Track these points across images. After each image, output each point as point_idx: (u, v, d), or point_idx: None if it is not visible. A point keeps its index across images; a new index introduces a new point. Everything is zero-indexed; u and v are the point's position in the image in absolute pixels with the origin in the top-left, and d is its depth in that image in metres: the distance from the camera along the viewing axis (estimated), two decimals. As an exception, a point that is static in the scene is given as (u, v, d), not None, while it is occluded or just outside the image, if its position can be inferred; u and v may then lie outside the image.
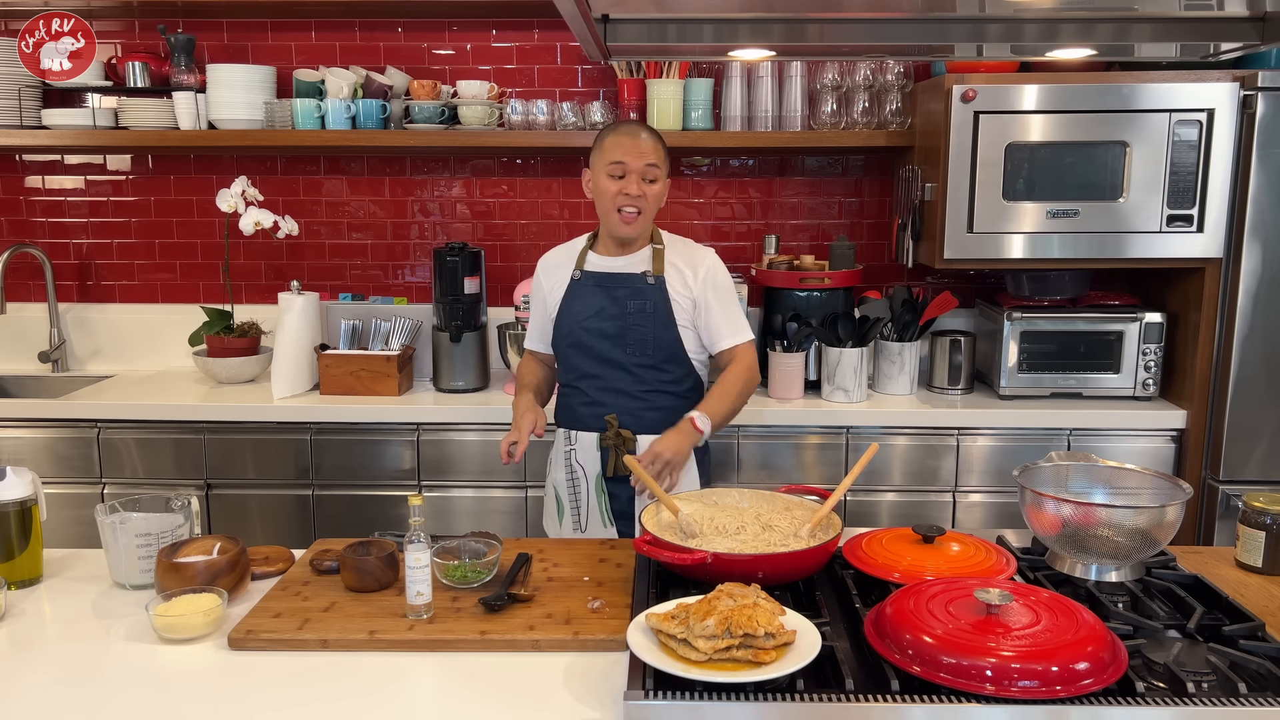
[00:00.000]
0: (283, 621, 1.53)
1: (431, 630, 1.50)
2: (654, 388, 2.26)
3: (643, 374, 2.25)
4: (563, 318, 2.30)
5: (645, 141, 2.19)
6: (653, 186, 2.20)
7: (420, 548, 1.52)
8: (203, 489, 2.90)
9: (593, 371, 2.27)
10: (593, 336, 2.26)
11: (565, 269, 2.33)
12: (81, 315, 3.42)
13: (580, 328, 2.27)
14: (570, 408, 2.32)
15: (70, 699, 1.36)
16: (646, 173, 2.18)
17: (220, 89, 3.09)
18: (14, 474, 1.72)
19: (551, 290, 2.34)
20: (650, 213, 2.23)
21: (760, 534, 1.67)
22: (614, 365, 2.25)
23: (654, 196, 2.21)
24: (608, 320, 2.25)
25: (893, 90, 3.06)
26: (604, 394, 2.26)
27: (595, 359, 2.26)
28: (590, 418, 2.27)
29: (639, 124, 2.32)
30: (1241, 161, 2.66)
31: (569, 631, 1.49)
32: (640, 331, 2.24)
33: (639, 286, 2.25)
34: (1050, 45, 1.72)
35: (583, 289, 2.28)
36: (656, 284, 2.25)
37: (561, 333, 2.31)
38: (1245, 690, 1.26)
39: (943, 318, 3.13)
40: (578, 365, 2.29)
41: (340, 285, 3.40)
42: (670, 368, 2.27)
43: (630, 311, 2.24)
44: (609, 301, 2.25)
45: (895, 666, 1.28)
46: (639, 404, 2.25)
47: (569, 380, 2.33)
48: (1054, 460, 1.79)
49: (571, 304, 2.29)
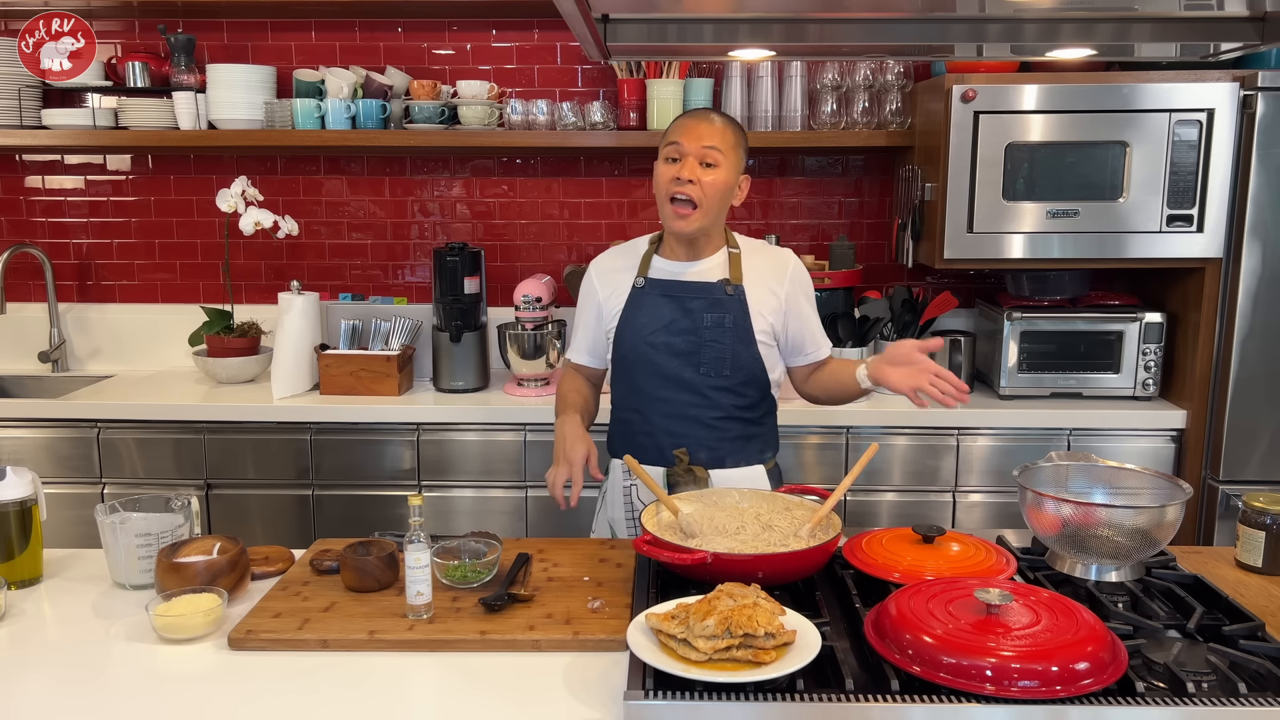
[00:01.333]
0: (283, 621, 1.53)
1: (432, 630, 1.49)
2: (729, 414, 2.00)
3: (718, 398, 1.99)
4: (624, 331, 2.02)
5: (711, 123, 1.92)
6: (713, 173, 1.90)
7: (420, 548, 1.52)
8: (203, 489, 2.90)
9: (658, 394, 2.00)
10: (660, 353, 1.99)
11: (625, 274, 2.06)
12: (81, 315, 3.42)
13: (645, 343, 1.99)
14: (630, 437, 2.04)
15: (70, 699, 1.36)
16: (705, 155, 1.89)
17: (220, 89, 3.09)
18: (14, 474, 1.72)
19: (609, 298, 2.06)
20: (711, 207, 1.93)
21: (760, 534, 1.67)
22: (684, 387, 1.99)
23: (714, 187, 1.91)
24: (678, 335, 1.98)
25: (893, 90, 3.06)
26: (670, 421, 2.00)
27: (662, 379, 1.99)
28: (652, 449, 2.01)
29: (712, 109, 2.02)
30: (1241, 161, 2.66)
31: (569, 631, 1.48)
32: (717, 349, 1.97)
33: (717, 297, 1.98)
34: (1050, 45, 1.73)
35: (648, 298, 2.01)
36: (736, 295, 1.98)
37: (622, 348, 2.03)
38: (1245, 690, 1.26)
39: (943, 318, 3.13)
40: (641, 386, 2.01)
41: (340, 285, 3.40)
42: (748, 391, 2.02)
43: (706, 326, 1.97)
44: (680, 313, 1.98)
45: (895, 666, 1.28)
46: (711, 434, 1.99)
47: (629, 404, 2.05)
48: (1054, 460, 1.79)
49: (634, 315, 2.01)
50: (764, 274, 2.02)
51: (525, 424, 2.84)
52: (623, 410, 2.08)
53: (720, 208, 1.95)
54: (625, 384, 2.06)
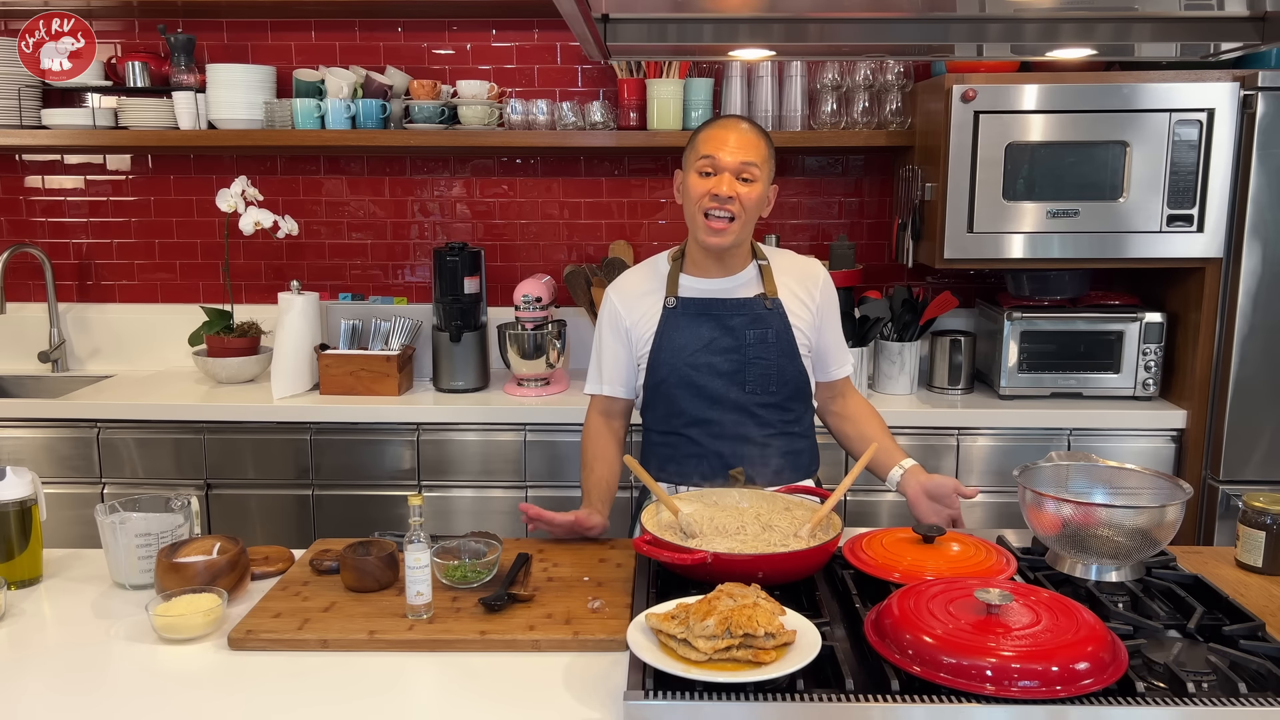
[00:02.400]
0: (283, 621, 1.53)
1: (431, 630, 1.49)
2: (778, 430, 1.97)
3: (766, 415, 1.96)
4: (661, 354, 1.96)
5: (744, 134, 1.87)
6: (749, 188, 1.86)
7: (420, 548, 1.51)
8: (203, 489, 2.90)
9: (705, 416, 1.95)
10: (704, 374, 1.94)
11: (653, 296, 1.99)
12: (81, 315, 3.42)
13: (686, 365, 1.94)
14: (676, 460, 1.98)
15: (70, 699, 1.36)
16: (742, 170, 1.85)
17: (220, 89, 3.09)
18: (14, 474, 1.72)
19: (638, 323, 1.98)
20: (747, 221, 1.89)
21: (760, 534, 1.67)
22: (731, 407, 1.94)
23: (751, 201, 1.87)
24: (720, 354, 1.94)
25: (893, 90, 3.06)
26: (720, 441, 1.95)
27: (708, 401, 1.94)
28: (702, 470, 1.96)
29: (741, 116, 1.97)
30: (1241, 161, 2.66)
31: (569, 632, 1.48)
32: (762, 365, 1.94)
33: (758, 312, 1.94)
34: (1050, 45, 1.72)
35: (683, 318, 1.95)
36: (775, 308, 1.95)
37: (660, 372, 1.96)
38: (1245, 690, 1.25)
39: (943, 318, 3.13)
40: (685, 409, 1.96)
41: (340, 285, 3.40)
42: (795, 406, 2.00)
43: (750, 343, 1.93)
44: (721, 332, 1.94)
45: (895, 666, 1.28)
46: (761, 450, 1.95)
47: (673, 427, 1.99)
48: (1054, 460, 1.79)
49: (671, 337, 1.95)
50: (796, 285, 1.99)
51: (525, 424, 2.84)
52: (663, 434, 2.01)
53: (753, 220, 1.92)
54: (665, 408, 1.99)
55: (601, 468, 2.00)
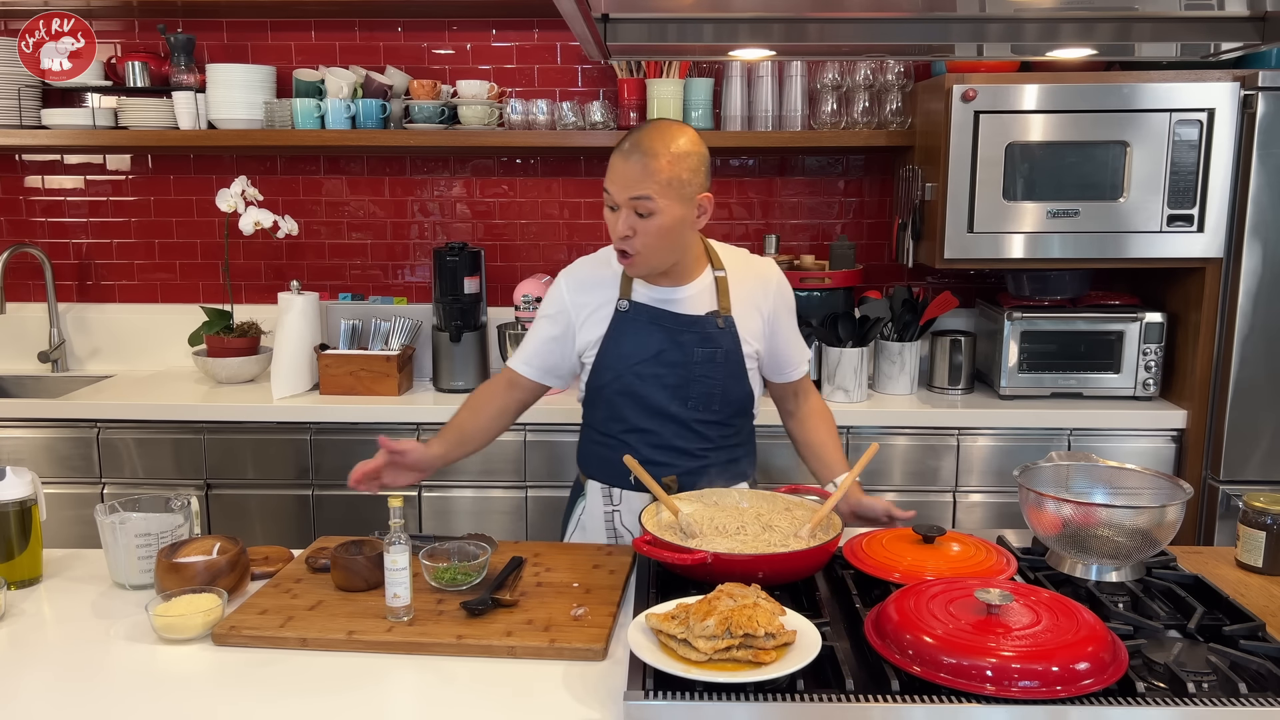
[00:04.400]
0: (267, 618, 1.53)
1: (409, 633, 1.49)
2: (716, 444, 1.96)
3: (706, 431, 1.94)
4: (608, 358, 1.92)
5: (635, 165, 1.74)
6: (647, 221, 1.76)
7: (400, 550, 1.51)
8: (202, 489, 2.90)
9: (644, 425, 1.93)
10: (649, 385, 1.90)
11: (604, 291, 1.93)
12: (81, 315, 3.42)
13: (632, 373, 1.91)
14: (613, 462, 1.93)
15: (69, 699, 1.36)
16: (636, 206, 1.75)
17: (220, 89, 3.09)
18: (14, 474, 1.72)
19: (587, 318, 1.94)
20: (657, 249, 1.80)
21: (760, 534, 1.67)
22: (671, 420, 1.92)
23: (651, 232, 1.77)
24: (667, 367, 1.90)
25: (893, 90, 3.06)
26: (657, 451, 1.93)
27: (649, 411, 1.92)
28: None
29: (644, 136, 1.78)
30: (1242, 161, 2.66)
31: (546, 639, 1.47)
32: (707, 384, 1.91)
33: (709, 331, 1.90)
34: (1050, 45, 1.72)
35: (634, 324, 1.91)
36: (727, 328, 1.91)
37: (605, 375, 1.93)
38: (1245, 690, 1.25)
39: (943, 318, 3.13)
40: (626, 416, 1.94)
41: (340, 285, 3.40)
42: (736, 422, 1.99)
43: (697, 361, 1.90)
44: (669, 344, 1.89)
45: (895, 666, 1.28)
46: (699, 463, 1.95)
47: (612, 431, 1.97)
48: (1054, 460, 1.79)
49: (619, 342, 1.91)
50: (750, 294, 1.95)
51: (525, 424, 2.84)
52: (603, 435, 1.99)
53: (672, 245, 1.82)
54: (606, 411, 1.97)
55: (466, 414, 1.99)
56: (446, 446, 1.94)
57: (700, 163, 1.81)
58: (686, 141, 1.79)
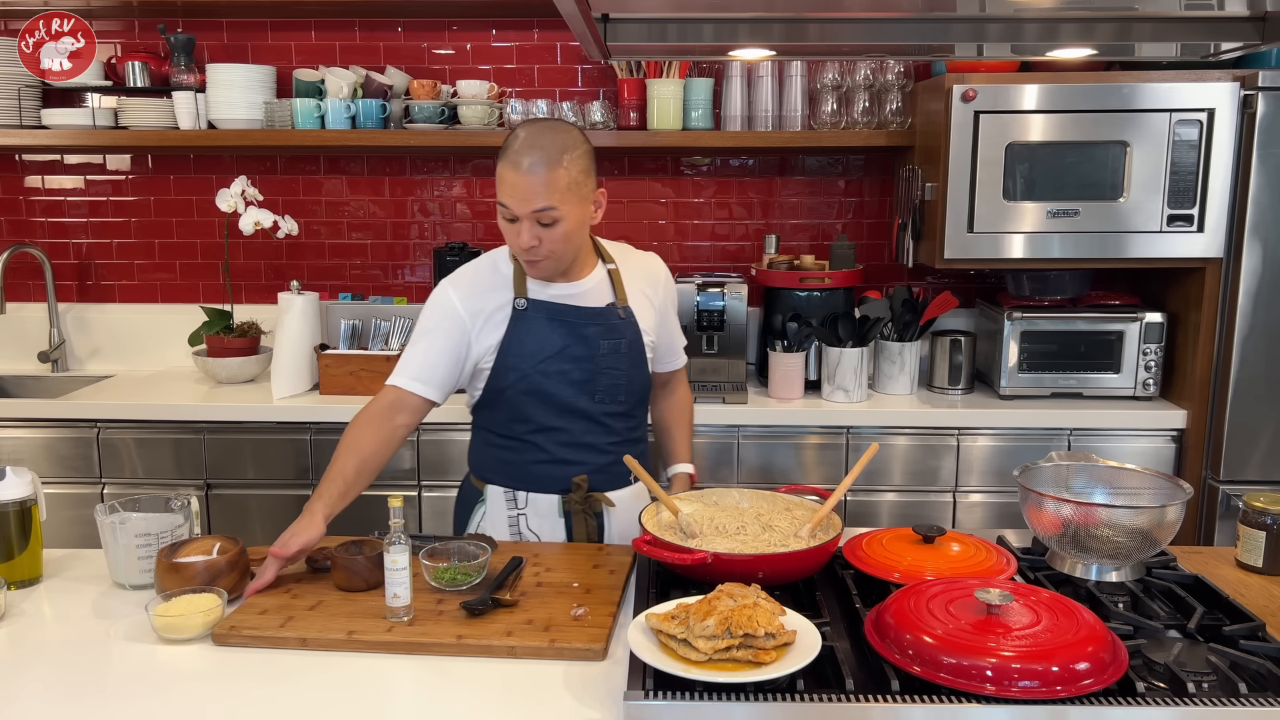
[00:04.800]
0: (267, 618, 1.53)
1: (409, 633, 1.49)
2: (623, 438, 1.96)
3: (613, 424, 1.94)
4: (510, 359, 1.88)
5: (532, 179, 1.72)
6: (551, 229, 1.76)
7: (400, 550, 1.51)
8: (202, 489, 2.90)
9: (552, 424, 1.91)
10: (555, 382, 1.88)
11: (497, 294, 1.89)
12: (81, 315, 3.42)
13: (537, 372, 1.87)
14: (518, 465, 1.94)
15: (69, 699, 1.36)
16: (539, 217, 1.75)
17: (220, 89, 3.09)
18: (14, 474, 1.72)
19: (484, 324, 1.89)
20: (561, 255, 1.82)
21: (760, 534, 1.67)
22: (579, 416, 1.91)
23: (558, 238, 1.78)
24: (572, 363, 1.88)
25: (893, 90, 3.06)
26: (566, 449, 1.92)
27: (556, 409, 1.90)
28: (547, 478, 1.93)
29: (534, 144, 1.74)
30: (1242, 161, 2.66)
31: (546, 639, 1.46)
32: (613, 376, 1.91)
33: (612, 322, 1.91)
34: (1050, 45, 1.72)
35: (534, 322, 1.88)
36: (628, 318, 1.92)
37: (508, 377, 1.89)
38: (1245, 690, 1.25)
39: (943, 318, 3.13)
40: (532, 416, 1.90)
41: (340, 285, 3.40)
42: (638, 413, 2.00)
43: (603, 353, 1.89)
44: (574, 340, 1.88)
45: (895, 666, 1.28)
46: (607, 458, 1.94)
47: (516, 433, 1.93)
48: (1054, 460, 1.79)
49: (521, 341, 1.87)
50: (641, 286, 1.97)
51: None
52: (505, 438, 1.94)
53: (575, 245, 1.83)
54: (509, 413, 1.92)
55: (348, 460, 1.80)
56: (331, 505, 1.77)
57: (590, 159, 1.82)
58: (575, 141, 1.79)
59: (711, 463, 2.85)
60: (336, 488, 1.78)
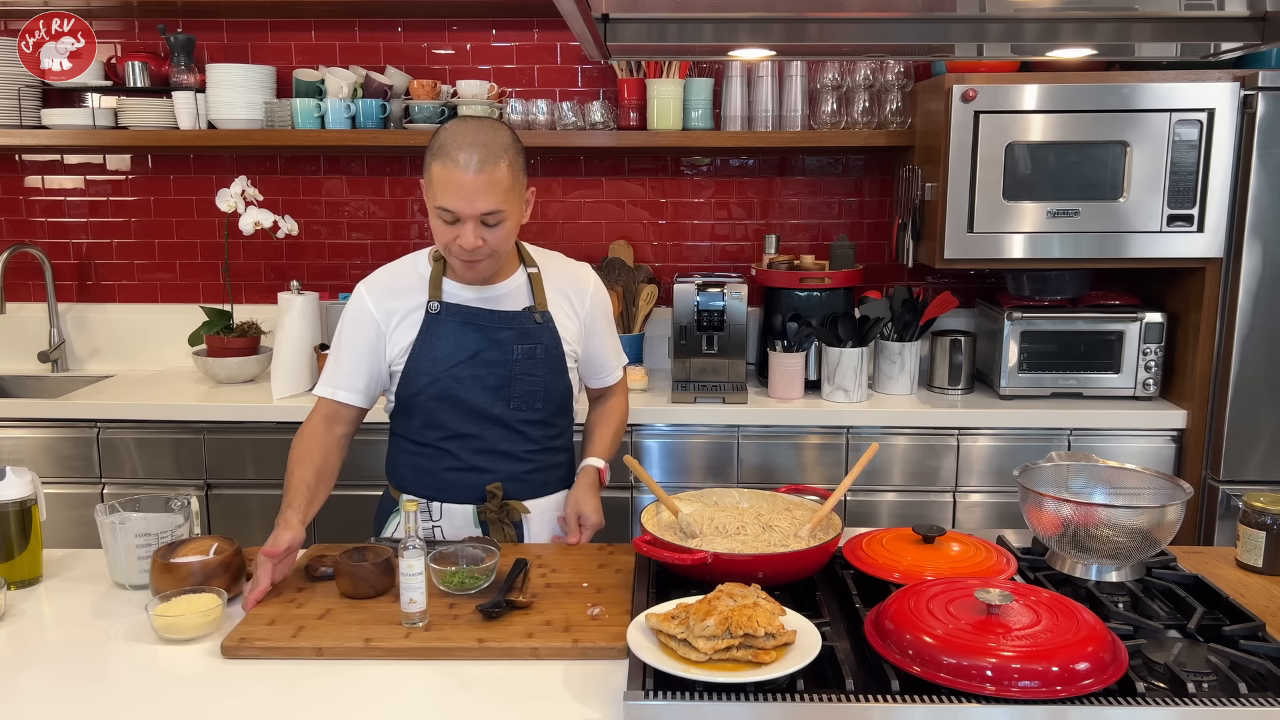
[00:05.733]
0: (277, 629, 1.51)
1: (428, 638, 1.48)
2: (541, 446, 1.93)
3: (529, 431, 1.91)
4: (420, 363, 1.85)
5: (477, 179, 1.70)
6: (495, 229, 1.75)
7: (415, 555, 1.50)
8: (202, 489, 2.90)
9: (465, 430, 1.88)
10: (468, 387, 1.85)
11: (411, 296, 1.87)
12: (81, 315, 3.42)
13: (449, 376, 1.85)
14: (432, 473, 1.91)
15: (69, 699, 1.36)
16: (486, 219, 1.74)
17: (220, 89, 3.09)
18: (14, 474, 1.72)
19: (397, 325, 1.86)
20: (500, 254, 1.81)
21: (760, 534, 1.67)
22: (493, 422, 1.88)
23: (500, 238, 1.77)
24: (486, 368, 1.85)
25: (893, 90, 3.06)
26: (480, 457, 1.89)
27: (469, 415, 1.87)
28: (462, 486, 1.90)
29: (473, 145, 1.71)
30: (1242, 161, 2.66)
31: (569, 639, 1.47)
32: (529, 382, 1.88)
33: (527, 327, 1.87)
34: (1050, 45, 1.72)
35: (446, 326, 1.85)
36: (545, 323, 1.89)
37: (420, 382, 1.86)
38: (1245, 690, 1.25)
39: (943, 318, 3.13)
40: (445, 423, 1.88)
41: (340, 285, 3.40)
42: (559, 421, 1.96)
43: (517, 358, 1.86)
44: (487, 344, 1.85)
45: (895, 666, 1.28)
46: (524, 466, 1.92)
47: (429, 440, 1.90)
48: (1054, 460, 1.79)
49: (433, 345, 1.85)
50: (564, 294, 1.93)
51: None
52: (419, 445, 1.92)
53: (511, 243, 1.83)
54: (422, 419, 1.89)
55: (305, 470, 1.82)
56: (302, 511, 1.78)
57: (524, 157, 1.81)
58: (511, 138, 1.78)
59: (711, 463, 2.85)
60: (302, 496, 1.80)
